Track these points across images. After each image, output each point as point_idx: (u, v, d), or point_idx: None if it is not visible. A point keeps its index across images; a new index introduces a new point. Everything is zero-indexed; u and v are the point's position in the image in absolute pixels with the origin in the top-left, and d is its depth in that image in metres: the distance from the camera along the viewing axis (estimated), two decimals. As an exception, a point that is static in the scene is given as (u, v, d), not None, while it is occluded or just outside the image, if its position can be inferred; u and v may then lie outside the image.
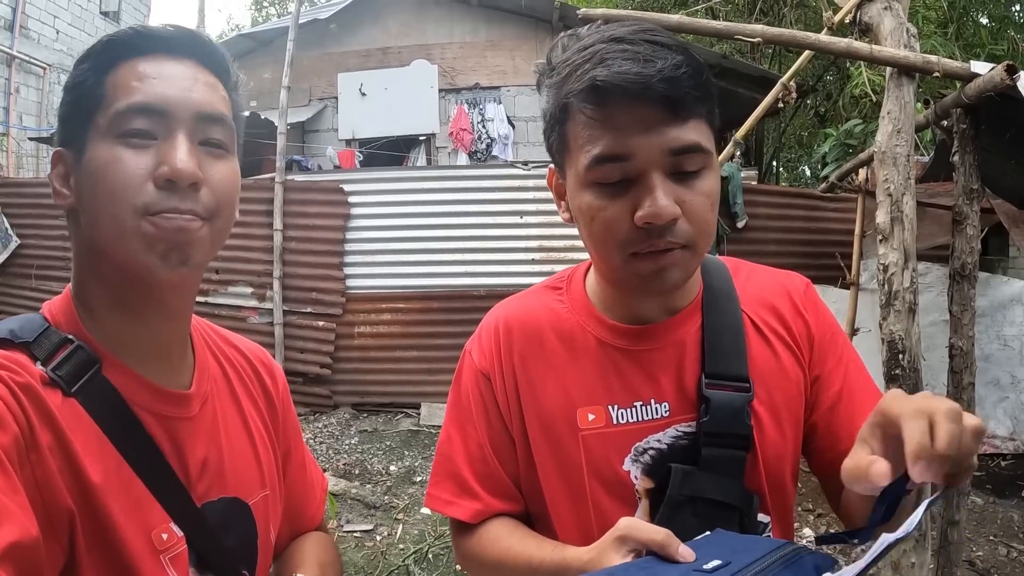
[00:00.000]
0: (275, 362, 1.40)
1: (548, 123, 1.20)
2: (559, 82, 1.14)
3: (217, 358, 1.25)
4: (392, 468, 6.38)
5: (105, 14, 17.28)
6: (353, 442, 7.06)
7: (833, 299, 6.26)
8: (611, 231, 1.12)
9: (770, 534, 1.28)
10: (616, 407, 1.24)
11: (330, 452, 6.80)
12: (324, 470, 5.82)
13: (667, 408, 1.24)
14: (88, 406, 0.97)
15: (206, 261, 1.09)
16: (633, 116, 1.06)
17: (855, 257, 6.26)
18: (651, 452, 1.23)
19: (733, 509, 1.19)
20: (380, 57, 12.77)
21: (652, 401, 1.24)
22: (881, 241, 3.62)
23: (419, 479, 6.12)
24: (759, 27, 3.92)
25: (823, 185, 7.54)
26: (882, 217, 3.62)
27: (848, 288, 6.25)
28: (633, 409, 1.24)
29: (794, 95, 4.59)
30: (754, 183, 8.52)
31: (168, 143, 1.00)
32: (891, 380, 3.47)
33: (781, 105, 4.83)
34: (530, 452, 1.28)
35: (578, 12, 4.36)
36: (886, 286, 3.58)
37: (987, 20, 11.14)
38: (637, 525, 1.01)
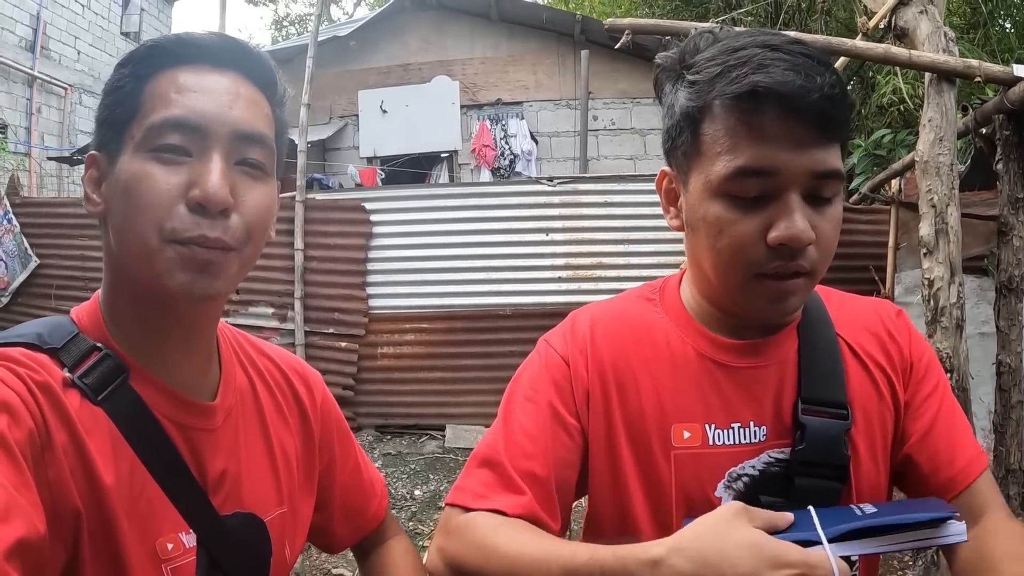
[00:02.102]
0: (312, 370, 1.38)
1: (677, 121, 1.12)
2: (706, 80, 1.06)
3: (246, 370, 1.23)
4: (417, 493, 6.25)
5: (126, 35, 17.40)
6: (377, 466, 6.91)
7: (868, 313, 6.09)
8: (740, 247, 1.06)
9: (858, 573, 1.19)
10: (713, 427, 1.15)
11: (353, 475, 6.66)
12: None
13: (764, 432, 1.15)
14: (113, 414, 0.97)
15: (232, 288, 1.06)
16: (786, 130, 1.02)
17: (889, 270, 6.10)
18: (744, 479, 1.14)
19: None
20: (401, 74, 12.75)
21: (751, 424, 1.15)
22: (925, 255, 3.47)
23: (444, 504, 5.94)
24: (793, 34, 3.77)
25: (854, 197, 7.36)
26: (926, 230, 3.47)
27: (883, 302, 6.09)
28: (731, 431, 1.15)
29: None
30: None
31: (202, 163, 0.98)
32: (940, 401, 3.33)
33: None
34: (612, 459, 1.17)
35: (604, 23, 4.23)
36: (931, 302, 3.43)
37: (1011, 26, 10.97)
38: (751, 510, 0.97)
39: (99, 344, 1.01)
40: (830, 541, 0.93)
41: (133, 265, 1.00)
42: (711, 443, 1.14)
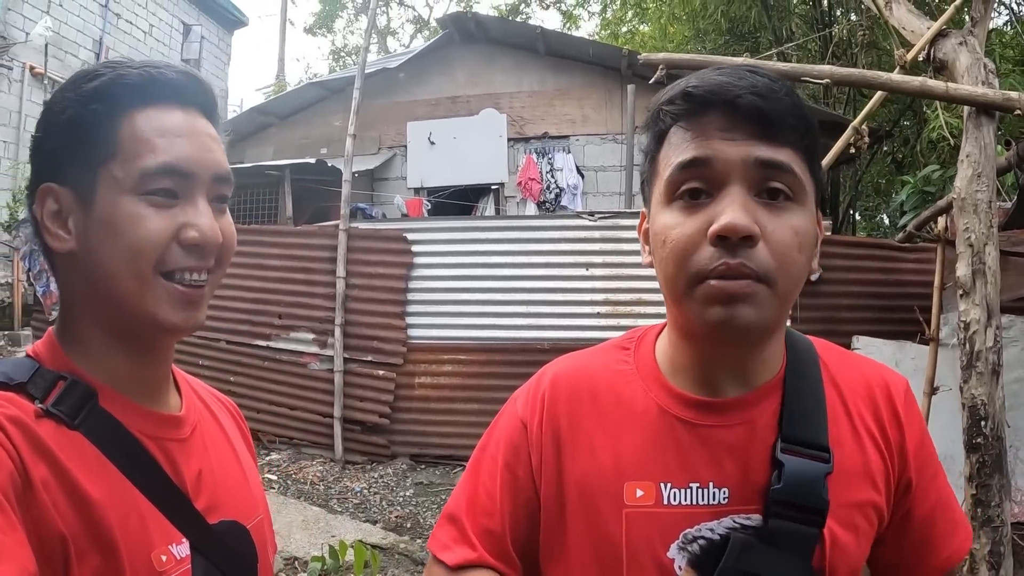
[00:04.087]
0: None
1: (643, 160, 1.16)
2: (655, 106, 1.12)
3: (197, 395, 1.29)
4: (446, 523, 6.21)
5: (186, 61, 17.71)
6: (408, 494, 6.91)
7: (912, 355, 5.94)
8: (683, 250, 1.03)
9: None
10: (669, 485, 1.10)
11: (383, 503, 6.66)
12: (375, 522, 5.64)
13: (726, 495, 1.09)
14: (92, 436, 1.00)
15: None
16: (721, 124, 1.04)
17: (934, 311, 5.93)
18: (701, 542, 1.08)
19: None
20: (449, 106, 12.88)
21: (711, 484, 1.09)
22: (962, 296, 3.36)
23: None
24: (827, 68, 3.73)
25: (900, 235, 7.21)
26: (963, 270, 3.37)
27: (927, 344, 5.93)
28: (688, 491, 1.09)
29: (867, 140, 4.34)
30: (828, 234, 8.21)
31: (192, 206, 1.06)
32: (972, 450, 3.19)
33: (853, 151, 4.59)
34: (563, 520, 1.14)
35: (639, 56, 4.21)
36: (967, 345, 3.31)
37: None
38: None
39: (64, 373, 1.03)
40: None
41: (127, 300, 1.04)
42: (666, 502, 1.09)
